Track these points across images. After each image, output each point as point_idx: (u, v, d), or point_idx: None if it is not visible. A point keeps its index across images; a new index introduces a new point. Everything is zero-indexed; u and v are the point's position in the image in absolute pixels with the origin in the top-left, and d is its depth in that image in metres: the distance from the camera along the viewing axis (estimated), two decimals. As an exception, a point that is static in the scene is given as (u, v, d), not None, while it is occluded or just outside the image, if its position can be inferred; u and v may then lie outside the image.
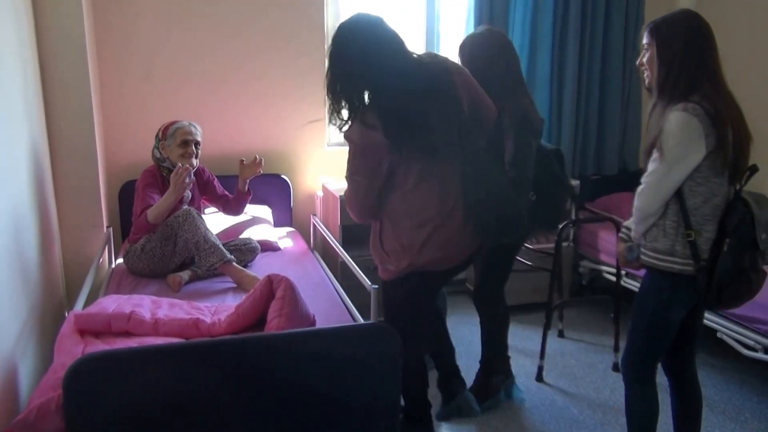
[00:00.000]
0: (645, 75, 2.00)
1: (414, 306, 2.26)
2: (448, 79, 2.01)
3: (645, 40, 1.97)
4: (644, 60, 1.98)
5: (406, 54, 2.00)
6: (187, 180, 2.68)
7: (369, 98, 1.98)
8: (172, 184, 2.67)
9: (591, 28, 4.01)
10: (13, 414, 1.88)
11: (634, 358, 2.11)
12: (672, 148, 1.85)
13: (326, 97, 2.00)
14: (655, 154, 1.90)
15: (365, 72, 1.94)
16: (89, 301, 2.40)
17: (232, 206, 3.11)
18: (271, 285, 1.97)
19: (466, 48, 2.52)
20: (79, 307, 2.25)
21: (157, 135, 2.91)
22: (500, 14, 3.78)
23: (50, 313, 2.61)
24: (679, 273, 1.92)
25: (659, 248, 1.95)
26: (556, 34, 3.92)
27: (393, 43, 1.97)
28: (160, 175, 2.88)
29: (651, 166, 1.93)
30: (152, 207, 2.70)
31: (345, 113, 1.99)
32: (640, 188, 1.98)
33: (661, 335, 2.02)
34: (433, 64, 2.02)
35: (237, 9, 3.47)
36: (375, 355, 1.80)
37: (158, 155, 2.89)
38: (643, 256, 2.02)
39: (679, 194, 1.90)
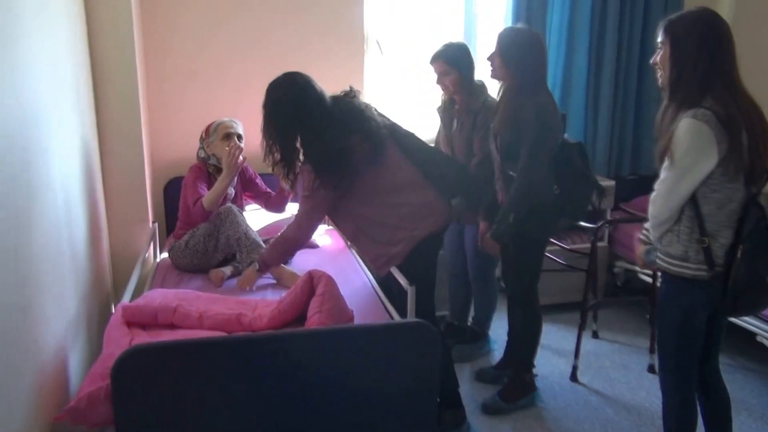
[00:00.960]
0: (659, 75, 1.92)
1: (434, 267, 2.48)
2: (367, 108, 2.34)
3: (659, 38, 1.88)
4: (657, 59, 1.90)
5: (328, 104, 2.26)
6: (240, 159, 2.73)
7: (300, 144, 2.26)
8: (225, 166, 2.71)
9: (629, 27, 3.92)
10: (63, 401, 1.91)
11: (667, 364, 2.05)
12: (682, 157, 1.78)
13: (264, 145, 2.27)
14: (667, 161, 1.83)
15: (295, 126, 2.22)
16: (135, 295, 2.43)
17: (274, 203, 3.11)
18: (312, 281, 1.96)
19: (504, 38, 2.52)
20: (126, 300, 2.28)
21: (201, 136, 2.94)
22: (538, 13, 3.72)
23: (98, 305, 2.66)
24: (693, 278, 1.86)
25: (672, 253, 1.89)
26: (593, 33, 3.84)
27: (318, 100, 2.23)
28: (205, 172, 2.90)
29: (663, 173, 1.87)
30: (207, 194, 2.72)
31: (278, 157, 2.26)
32: (652, 195, 1.92)
33: (687, 340, 1.96)
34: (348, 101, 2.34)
35: (277, 12, 3.47)
36: (413, 352, 1.77)
37: (203, 155, 2.91)
38: (658, 260, 1.96)
39: (693, 200, 1.83)
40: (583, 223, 3.27)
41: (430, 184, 2.39)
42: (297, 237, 2.38)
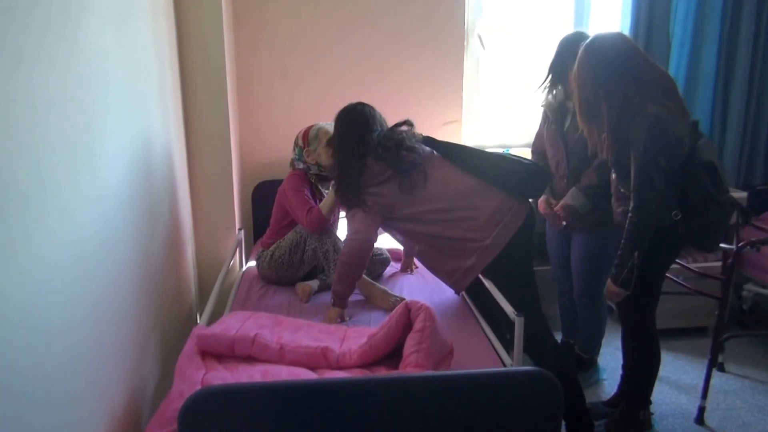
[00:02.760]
0: None
1: (526, 268, 2.29)
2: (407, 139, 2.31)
3: None
4: None
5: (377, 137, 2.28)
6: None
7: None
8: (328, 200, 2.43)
9: None
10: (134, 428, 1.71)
11: None
12: None
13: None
14: None
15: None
16: (218, 305, 2.22)
17: None
18: (409, 313, 1.64)
19: (587, 52, 2.11)
20: (206, 314, 2.05)
21: (296, 144, 2.59)
22: (661, 3, 3.22)
23: (180, 315, 2.47)
24: None
25: None
26: (725, 25, 3.29)
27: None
28: (307, 180, 2.58)
29: None
30: (323, 202, 2.44)
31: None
32: None
33: None
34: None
35: (372, 7, 3.17)
36: (528, 403, 1.43)
37: (301, 166, 2.57)
38: None
39: None
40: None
41: (495, 188, 2.24)
42: (350, 261, 2.20)
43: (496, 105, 3.52)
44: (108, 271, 1.55)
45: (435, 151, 2.33)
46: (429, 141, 2.35)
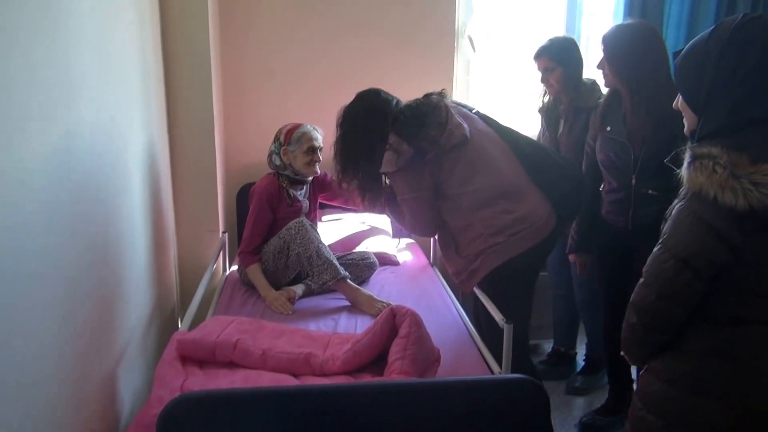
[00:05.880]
0: None
1: (532, 284, 2.14)
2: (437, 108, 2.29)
3: None
4: None
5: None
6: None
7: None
8: (269, 300, 2.36)
9: (761, 22, 3.39)
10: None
11: None
12: None
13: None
14: None
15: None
16: (201, 309, 2.20)
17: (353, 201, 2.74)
18: (394, 319, 1.65)
19: (610, 40, 2.16)
20: (189, 316, 2.05)
21: (277, 138, 2.58)
22: (654, 4, 3.25)
23: (162, 318, 2.47)
24: None
25: None
26: (719, 29, 3.33)
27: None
28: (277, 187, 2.56)
29: None
30: (253, 269, 2.46)
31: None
32: None
33: None
34: None
35: (362, 8, 3.18)
36: (514, 412, 1.44)
37: (278, 162, 2.57)
38: None
39: None
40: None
41: (536, 188, 2.07)
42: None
43: (486, 107, 3.54)
44: (86, 273, 1.55)
45: (489, 126, 2.20)
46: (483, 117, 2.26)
